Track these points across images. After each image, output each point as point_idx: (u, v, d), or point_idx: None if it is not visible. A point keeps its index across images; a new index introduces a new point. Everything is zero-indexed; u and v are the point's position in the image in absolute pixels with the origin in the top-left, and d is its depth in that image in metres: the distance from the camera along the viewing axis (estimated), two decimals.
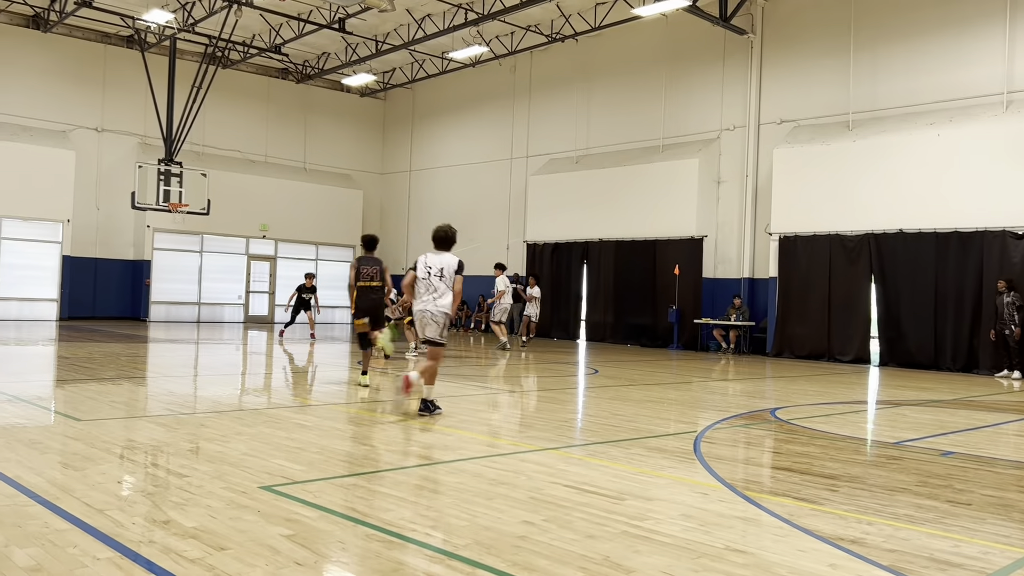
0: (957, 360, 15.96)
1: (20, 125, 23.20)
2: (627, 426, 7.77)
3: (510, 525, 4.20)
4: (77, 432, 6.41)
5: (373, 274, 10.10)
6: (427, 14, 22.54)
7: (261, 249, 27.21)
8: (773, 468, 6.20)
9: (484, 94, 26.82)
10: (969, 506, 4.98)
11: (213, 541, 3.77)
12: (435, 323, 8.01)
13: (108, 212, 24.65)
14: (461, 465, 5.67)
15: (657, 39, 21.92)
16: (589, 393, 11.01)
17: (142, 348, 15.53)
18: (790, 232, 18.33)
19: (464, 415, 8.27)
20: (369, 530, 4.04)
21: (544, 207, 23.75)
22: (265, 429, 6.84)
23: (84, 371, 10.89)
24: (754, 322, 19.48)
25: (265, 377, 12.04)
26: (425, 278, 8.10)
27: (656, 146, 21.82)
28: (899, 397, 11.43)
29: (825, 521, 4.51)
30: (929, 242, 16.31)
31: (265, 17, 22.97)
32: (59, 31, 23.68)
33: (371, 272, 10.10)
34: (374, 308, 10.22)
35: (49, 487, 4.64)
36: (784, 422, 8.40)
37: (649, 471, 5.67)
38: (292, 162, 28.61)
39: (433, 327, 8.02)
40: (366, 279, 10.07)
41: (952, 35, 16.92)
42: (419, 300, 8.07)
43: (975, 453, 6.92)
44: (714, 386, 12.15)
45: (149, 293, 24.65)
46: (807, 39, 19.16)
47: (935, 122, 16.62)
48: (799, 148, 18.39)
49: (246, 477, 5.05)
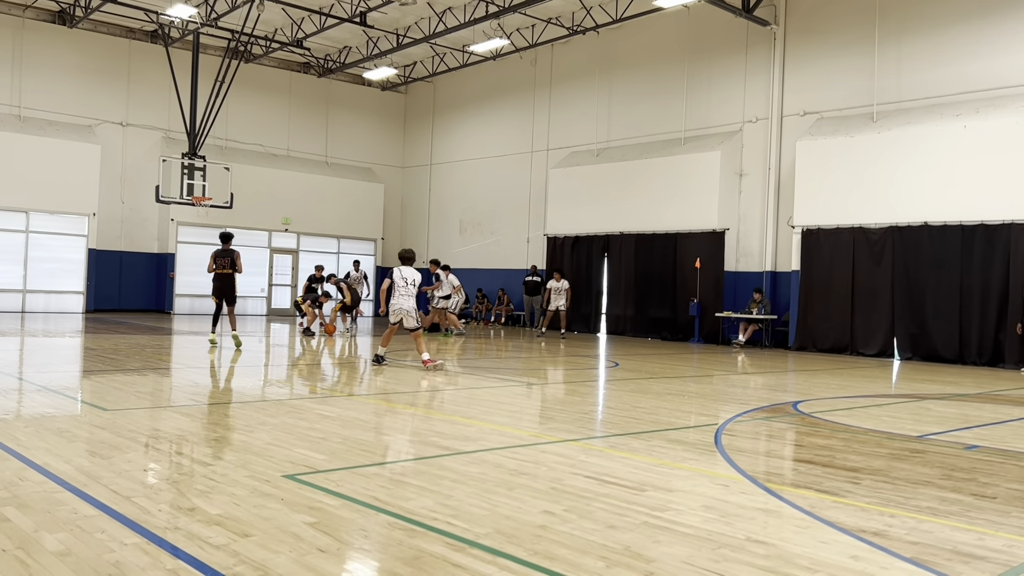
0: (982, 354, 15.78)
1: (46, 120, 23.50)
2: (648, 418, 7.77)
3: (531, 515, 4.22)
4: (104, 421, 6.50)
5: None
6: (448, 7, 22.55)
7: (283, 242, 27.41)
8: (795, 460, 6.18)
9: (505, 87, 26.80)
10: (994, 499, 4.94)
11: (238, 528, 3.82)
12: (411, 317, 11.57)
13: (133, 206, 24.92)
14: (482, 455, 5.70)
15: (679, 31, 21.79)
16: (609, 386, 11.00)
17: (167, 340, 15.70)
18: (813, 225, 18.19)
19: (485, 406, 8.30)
20: (391, 518, 4.08)
21: (565, 200, 23.71)
22: (288, 419, 6.90)
23: (110, 362, 11.03)
24: (776, 316, 19.37)
25: (288, 369, 12.15)
26: (403, 286, 11.50)
27: (678, 139, 21.71)
28: (923, 391, 11.33)
29: (847, 513, 4.49)
30: (955, 235, 16.12)
31: (287, 11, 23.10)
32: (84, 26, 23.94)
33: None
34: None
35: (77, 474, 4.72)
36: (806, 415, 8.35)
37: (670, 463, 5.67)
38: (314, 156, 28.76)
39: (411, 320, 11.57)
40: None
41: (977, 25, 16.68)
42: (399, 300, 11.47)
43: (1000, 447, 6.85)
44: (735, 379, 12.09)
45: (173, 286, 24.90)
46: (831, 30, 18.97)
47: (961, 113, 16.41)
48: (822, 140, 18.23)
49: (269, 466, 5.10)
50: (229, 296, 13.71)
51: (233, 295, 13.77)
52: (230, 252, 13.62)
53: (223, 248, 13.73)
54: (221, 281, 13.62)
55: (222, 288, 13.65)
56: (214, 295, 13.79)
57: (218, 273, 13.56)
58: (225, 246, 13.77)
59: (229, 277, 13.59)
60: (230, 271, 13.55)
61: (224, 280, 13.62)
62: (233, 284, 13.72)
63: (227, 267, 13.53)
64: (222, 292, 13.66)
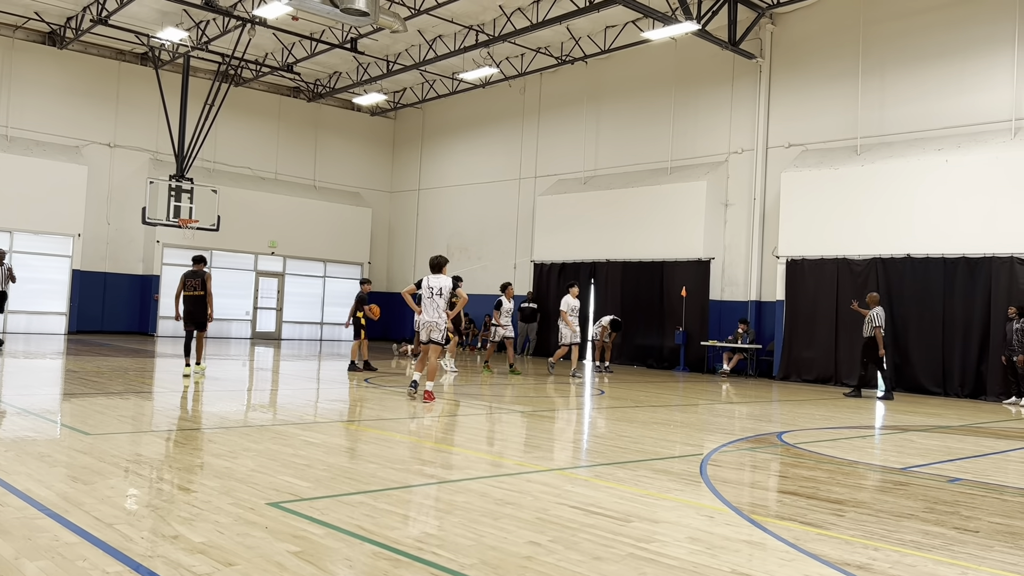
0: (965, 386, 15.90)
1: (33, 140, 23.45)
2: (633, 447, 7.77)
3: (516, 545, 4.21)
4: (85, 446, 6.44)
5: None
6: (438, 35, 22.75)
7: (269, 266, 27.34)
8: (779, 492, 6.19)
9: (493, 114, 27.00)
10: (977, 533, 4.97)
11: (221, 556, 3.79)
12: (438, 330, 10.84)
13: (118, 227, 24.82)
14: (467, 484, 5.68)
15: (666, 62, 22.06)
16: (595, 414, 11.00)
17: (150, 363, 15.58)
18: (797, 255, 18.35)
19: (470, 434, 8.28)
20: (376, 548, 4.06)
21: (552, 227, 23.83)
22: (272, 445, 6.86)
23: (93, 385, 10.93)
24: (761, 345, 19.46)
25: (271, 394, 12.07)
26: (429, 296, 10.79)
27: (664, 168, 21.90)
28: (906, 422, 11.39)
29: (831, 546, 4.51)
30: (937, 267, 16.30)
31: (278, 36, 23.23)
32: (74, 48, 23.96)
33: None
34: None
35: (58, 500, 4.67)
36: (790, 446, 8.38)
37: (655, 493, 5.67)
38: (302, 179, 28.79)
39: (437, 332, 10.84)
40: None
41: (960, 61, 16.99)
42: (425, 312, 10.87)
43: (983, 480, 6.89)
44: (720, 408, 12.12)
45: (157, 308, 24.74)
46: (815, 64, 19.26)
47: (943, 148, 16.66)
48: (807, 172, 18.45)
49: (254, 493, 5.07)
50: (199, 321, 12.89)
51: (203, 320, 12.93)
52: (200, 274, 13.02)
53: (192, 269, 13.14)
54: (191, 304, 12.87)
55: (192, 312, 12.84)
56: (184, 321, 12.87)
57: (187, 295, 12.89)
58: (196, 267, 13.15)
59: (200, 299, 12.89)
60: (201, 292, 12.89)
61: (194, 303, 12.87)
62: (203, 307, 12.91)
63: (197, 288, 12.90)
64: (191, 317, 12.84)
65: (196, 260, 13.30)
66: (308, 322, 28.37)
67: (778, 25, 19.96)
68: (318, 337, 28.50)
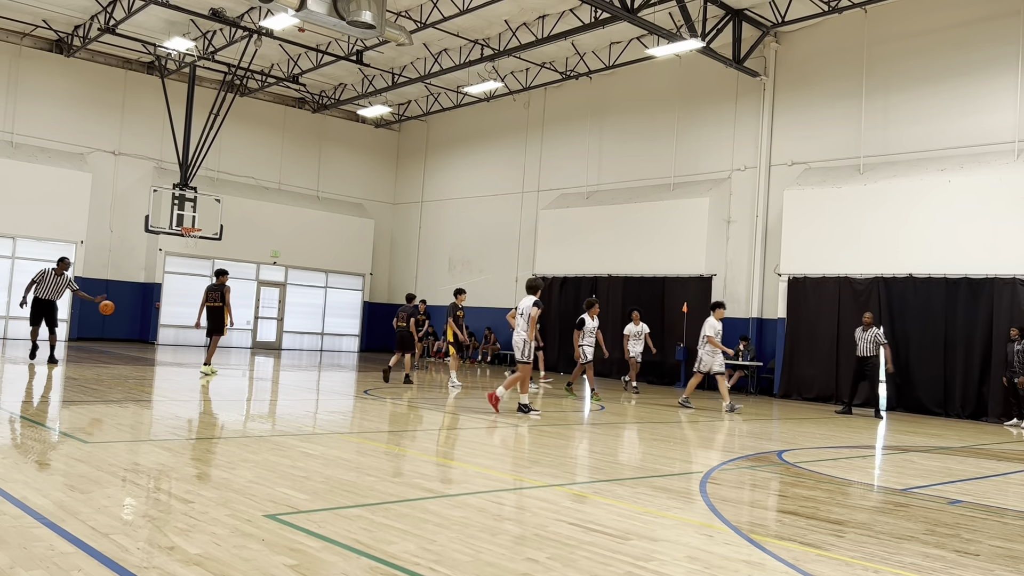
0: (966, 407, 15.85)
1: (38, 146, 23.52)
2: (633, 464, 7.74)
3: (514, 562, 4.19)
4: (83, 454, 6.42)
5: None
6: (444, 48, 22.85)
7: (271, 275, 27.35)
8: (779, 511, 6.16)
9: (497, 128, 27.07)
10: (977, 556, 4.94)
11: (217, 569, 3.77)
12: (517, 349, 11.48)
13: (121, 234, 24.86)
14: (465, 499, 5.65)
15: (670, 79, 22.14)
16: (595, 429, 10.96)
17: (149, 371, 15.56)
18: (799, 273, 18.34)
19: (469, 448, 8.25)
20: (373, 562, 4.03)
21: (554, 241, 23.84)
22: (271, 457, 6.84)
23: (92, 392, 10.92)
24: (762, 362, 19.41)
25: (270, 404, 12.05)
26: (517, 317, 11.50)
27: (667, 184, 21.93)
28: (907, 443, 11.34)
29: (831, 567, 4.48)
30: (939, 288, 16.28)
31: (284, 47, 23.34)
32: (81, 56, 24.08)
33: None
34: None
35: (55, 509, 4.65)
36: (791, 465, 8.34)
37: (654, 511, 5.64)
38: (305, 190, 28.85)
39: (516, 352, 11.52)
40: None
41: (964, 82, 17.04)
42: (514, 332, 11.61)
43: (983, 502, 6.85)
44: (720, 426, 12.08)
45: (158, 316, 24.75)
46: (819, 82, 19.32)
47: (946, 168, 16.68)
48: (810, 190, 18.46)
49: (251, 505, 5.05)
50: (217, 326, 14.77)
51: (220, 325, 14.77)
52: (220, 287, 14.78)
53: (215, 283, 14.95)
54: (211, 314, 14.75)
55: (212, 320, 14.73)
56: (207, 328, 14.87)
57: (209, 307, 14.74)
58: (218, 280, 14.94)
59: (218, 310, 14.69)
60: (220, 304, 14.67)
61: (213, 312, 14.73)
62: (221, 316, 14.72)
63: (217, 300, 14.69)
64: (212, 324, 14.74)
65: (218, 273, 15.02)
66: (309, 332, 28.36)
67: (782, 44, 20.03)
68: (319, 347, 28.48)
